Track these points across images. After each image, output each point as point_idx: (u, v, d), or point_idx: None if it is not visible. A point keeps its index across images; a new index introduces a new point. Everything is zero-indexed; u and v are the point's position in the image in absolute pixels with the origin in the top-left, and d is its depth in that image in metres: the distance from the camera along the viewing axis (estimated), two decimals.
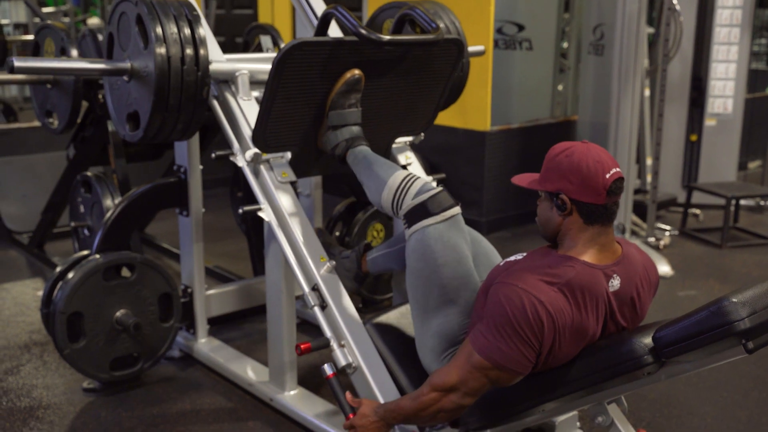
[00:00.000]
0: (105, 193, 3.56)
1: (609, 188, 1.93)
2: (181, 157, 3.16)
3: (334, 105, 2.56)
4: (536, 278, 1.91)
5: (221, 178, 5.51)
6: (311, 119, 2.58)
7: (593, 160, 1.93)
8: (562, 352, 1.96)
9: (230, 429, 2.75)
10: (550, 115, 6.02)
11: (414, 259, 2.27)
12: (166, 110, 2.53)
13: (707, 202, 5.55)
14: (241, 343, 3.45)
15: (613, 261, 1.99)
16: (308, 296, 2.47)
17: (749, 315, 1.73)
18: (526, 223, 5.41)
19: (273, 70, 2.40)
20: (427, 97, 2.84)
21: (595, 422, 2.07)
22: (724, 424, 2.80)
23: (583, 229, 1.97)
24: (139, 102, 2.59)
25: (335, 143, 2.57)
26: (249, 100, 2.71)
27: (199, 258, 3.23)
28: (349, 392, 2.31)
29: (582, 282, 1.92)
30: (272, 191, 2.57)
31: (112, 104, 2.76)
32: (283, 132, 2.56)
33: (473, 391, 2.00)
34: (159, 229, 4.95)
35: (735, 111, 5.74)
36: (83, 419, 2.81)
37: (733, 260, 4.72)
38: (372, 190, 2.45)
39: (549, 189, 1.99)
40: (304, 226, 2.57)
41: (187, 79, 2.52)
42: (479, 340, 1.95)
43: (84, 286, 2.85)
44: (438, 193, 2.29)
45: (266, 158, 2.60)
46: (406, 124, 2.89)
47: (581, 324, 1.94)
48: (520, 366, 1.92)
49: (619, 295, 2.01)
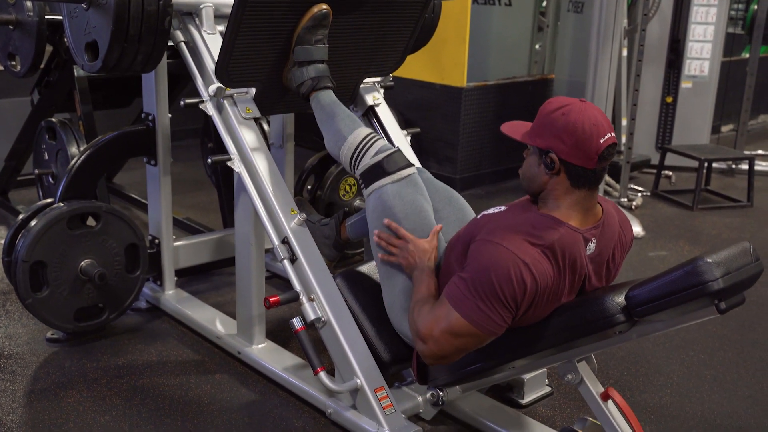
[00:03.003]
0: (70, 140, 3.45)
1: (601, 153, 1.88)
2: (149, 105, 3.07)
3: (300, 40, 2.49)
4: (521, 238, 1.88)
5: (192, 129, 5.40)
6: (276, 54, 2.52)
7: (590, 123, 1.87)
8: (534, 314, 1.95)
9: (197, 381, 2.72)
10: (527, 73, 5.96)
11: (375, 218, 2.25)
12: (126, 40, 2.46)
13: (680, 164, 5.56)
14: (210, 295, 3.40)
15: (593, 224, 1.96)
16: (278, 249, 2.43)
17: (723, 275, 1.73)
18: (500, 180, 5.38)
19: (237, 1, 2.33)
20: (396, 36, 2.78)
21: (565, 379, 2.07)
22: (690, 382, 2.82)
23: (568, 192, 1.93)
24: (98, 31, 2.51)
25: (301, 81, 2.51)
26: (213, 34, 2.65)
27: (167, 208, 3.16)
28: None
29: (564, 245, 1.89)
30: (235, 127, 2.51)
31: (70, 32, 2.67)
32: (247, 67, 2.49)
33: (443, 352, 1.97)
34: (128, 178, 4.85)
35: (711, 74, 5.73)
36: (46, 369, 2.76)
37: (703, 222, 4.74)
38: (330, 141, 2.43)
39: (539, 145, 1.94)
40: (274, 175, 2.52)
41: (148, 9, 2.44)
42: (458, 297, 1.91)
43: (47, 234, 2.77)
44: (393, 153, 2.29)
45: (230, 93, 2.54)
46: (375, 64, 2.84)
47: (558, 287, 1.92)
48: (494, 326, 1.90)
49: (595, 259, 1.99)
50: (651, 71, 5.72)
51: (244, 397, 2.63)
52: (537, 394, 2.64)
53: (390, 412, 2.28)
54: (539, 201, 2.00)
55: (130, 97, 4.17)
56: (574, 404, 2.63)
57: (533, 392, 2.64)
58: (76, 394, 2.61)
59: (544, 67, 6.13)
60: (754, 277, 1.82)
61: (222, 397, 2.63)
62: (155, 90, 3.00)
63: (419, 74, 5.14)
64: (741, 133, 6.07)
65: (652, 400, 2.69)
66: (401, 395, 2.44)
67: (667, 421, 2.57)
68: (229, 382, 2.72)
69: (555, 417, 2.56)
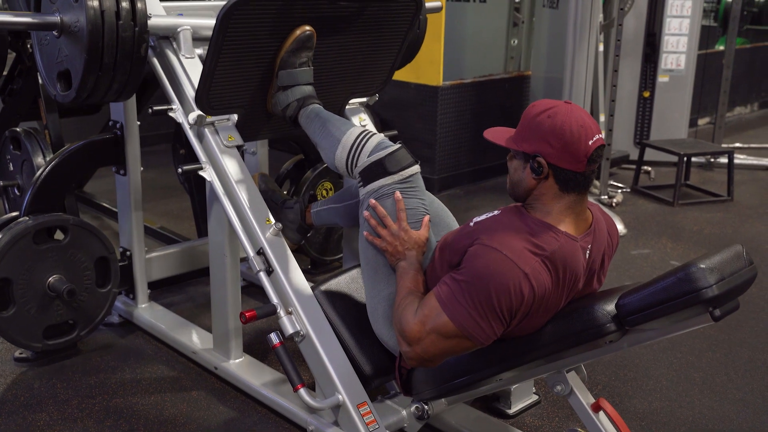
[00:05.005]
0: (35, 150, 3.31)
1: (590, 156, 1.82)
2: (117, 113, 2.96)
3: (284, 64, 2.39)
4: (521, 245, 1.80)
5: (163, 133, 5.28)
6: (259, 79, 2.42)
7: (577, 125, 1.81)
8: (526, 325, 1.87)
9: (173, 399, 2.62)
10: (503, 70, 5.91)
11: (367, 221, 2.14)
12: (100, 69, 2.34)
13: (658, 159, 5.53)
14: (185, 307, 3.30)
15: (585, 230, 1.90)
16: (253, 261, 2.34)
17: (717, 282, 1.66)
18: (478, 179, 5.31)
19: (217, 25, 2.22)
20: (383, 56, 2.69)
21: (554, 390, 2.00)
22: (679, 386, 2.77)
23: (558, 197, 1.86)
24: (71, 60, 2.39)
25: (286, 104, 2.41)
26: (192, 58, 2.53)
27: (138, 220, 3.05)
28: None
29: (564, 256, 1.82)
30: (218, 156, 2.41)
31: (41, 61, 2.54)
32: (229, 93, 2.39)
33: (427, 355, 1.90)
34: (99, 187, 4.71)
35: (687, 67, 5.70)
36: (14, 391, 2.65)
37: (685, 218, 4.71)
38: (326, 150, 2.30)
39: (526, 150, 1.87)
40: (248, 184, 2.42)
41: (123, 35, 2.32)
42: (450, 300, 1.83)
43: (12, 250, 2.65)
44: (396, 150, 2.16)
45: (211, 121, 2.43)
46: (361, 84, 2.74)
47: (553, 298, 1.85)
48: (484, 337, 1.83)
49: (588, 266, 1.92)
50: (627, 66, 5.69)
51: (221, 415, 2.54)
52: (524, 403, 2.58)
53: (374, 428, 2.20)
54: (526, 206, 1.93)
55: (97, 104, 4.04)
56: (563, 413, 2.56)
57: (520, 401, 2.57)
58: (46, 417, 2.50)
59: (520, 63, 6.08)
60: (748, 282, 1.76)
61: (198, 415, 2.53)
62: None
63: (394, 74, 5.05)
64: (719, 126, 6.06)
65: (642, 406, 2.63)
66: (385, 409, 2.36)
67: (657, 427, 2.51)
68: (205, 399, 2.62)
69: (543, 427, 2.49)
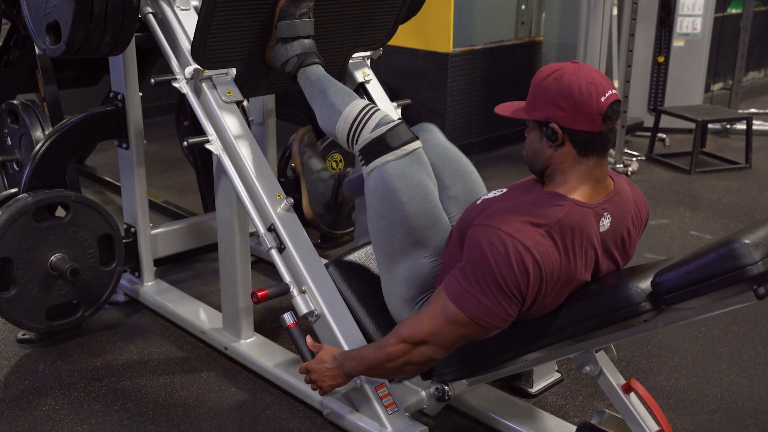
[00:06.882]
0: (34, 124, 3.20)
1: (605, 113, 1.72)
2: (118, 83, 2.83)
3: (284, 14, 2.27)
4: (520, 220, 1.71)
5: (166, 105, 5.15)
6: (257, 31, 2.31)
7: (586, 82, 1.71)
8: (546, 302, 1.77)
9: (182, 381, 2.53)
10: (514, 36, 5.74)
11: (375, 200, 2.04)
12: (91, 20, 2.23)
13: (673, 125, 5.39)
14: (193, 284, 3.20)
15: (605, 197, 1.80)
16: (264, 238, 2.24)
17: (763, 258, 1.55)
18: (490, 149, 5.17)
19: None
20: (387, 6, 2.57)
21: (582, 372, 1.90)
22: (705, 361, 2.67)
23: (576, 162, 1.76)
24: (59, 11, 2.28)
25: (285, 58, 2.30)
26: (187, 10, 2.44)
27: (142, 195, 2.94)
28: (309, 336, 2.11)
29: (572, 223, 1.72)
30: (216, 112, 2.31)
31: (28, 13, 2.44)
32: (226, 46, 2.28)
33: (446, 344, 1.83)
34: (101, 160, 4.60)
35: (704, 31, 5.53)
36: (18, 374, 2.56)
37: (702, 186, 4.58)
38: (324, 117, 2.20)
39: (537, 118, 1.77)
40: (257, 157, 2.32)
41: None
42: (455, 289, 1.75)
43: (12, 229, 2.55)
44: (397, 126, 2.06)
45: (208, 75, 2.33)
46: (364, 37, 2.62)
47: (569, 270, 1.74)
48: (499, 320, 1.74)
49: (609, 235, 1.82)
50: (641, 30, 5.50)
51: (233, 397, 2.45)
52: (546, 381, 2.48)
53: (392, 410, 2.11)
54: (545, 179, 1.83)
55: (97, 75, 3.92)
56: (587, 391, 2.47)
57: (542, 380, 2.47)
58: (51, 401, 2.41)
59: (531, 29, 5.91)
60: None
61: (210, 397, 2.44)
62: (124, 67, 2.77)
63: (403, 40, 4.90)
64: (735, 91, 5.90)
65: (668, 383, 2.53)
66: (403, 391, 2.27)
67: (685, 405, 2.42)
68: (216, 381, 2.53)
69: (567, 406, 2.40)
